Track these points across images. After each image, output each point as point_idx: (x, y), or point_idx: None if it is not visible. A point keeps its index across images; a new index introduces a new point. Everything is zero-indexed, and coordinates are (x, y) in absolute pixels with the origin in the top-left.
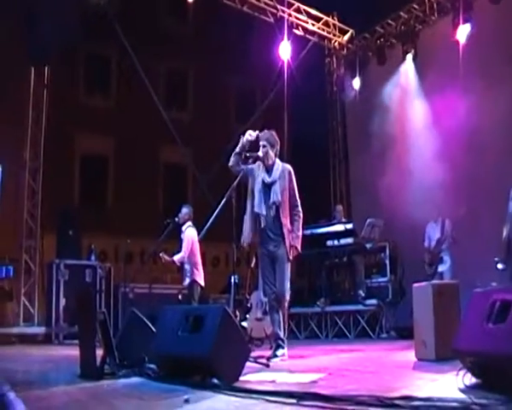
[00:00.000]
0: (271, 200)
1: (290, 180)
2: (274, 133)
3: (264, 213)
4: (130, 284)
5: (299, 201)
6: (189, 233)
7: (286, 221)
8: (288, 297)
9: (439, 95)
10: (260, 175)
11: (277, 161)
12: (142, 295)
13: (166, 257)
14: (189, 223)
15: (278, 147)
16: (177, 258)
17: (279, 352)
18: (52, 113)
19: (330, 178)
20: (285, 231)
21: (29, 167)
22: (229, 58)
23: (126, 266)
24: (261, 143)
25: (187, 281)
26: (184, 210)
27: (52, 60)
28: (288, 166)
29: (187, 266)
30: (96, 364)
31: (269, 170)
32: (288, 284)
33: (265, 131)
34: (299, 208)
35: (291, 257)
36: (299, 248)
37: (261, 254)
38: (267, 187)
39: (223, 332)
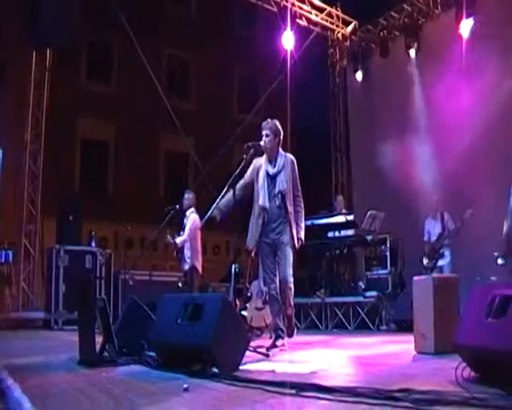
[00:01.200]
0: (277, 189)
1: (293, 170)
2: (277, 122)
3: (268, 205)
4: (131, 271)
5: (300, 191)
6: (193, 219)
7: (291, 209)
8: (291, 285)
9: (442, 88)
10: (263, 170)
11: (280, 151)
12: (142, 282)
13: (169, 237)
14: (193, 209)
15: (281, 137)
16: (179, 240)
17: (278, 342)
18: (53, 97)
19: (332, 168)
20: (291, 217)
21: (30, 150)
22: (232, 47)
23: (126, 253)
24: (264, 132)
25: (186, 266)
26: (188, 196)
27: (55, 44)
28: (291, 156)
29: (187, 252)
30: (96, 351)
31: (272, 161)
32: (290, 271)
33: (268, 120)
34: (301, 198)
35: (297, 246)
36: (303, 239)
37: (261, 244)
38: (272, 178)
39: (222, 321)
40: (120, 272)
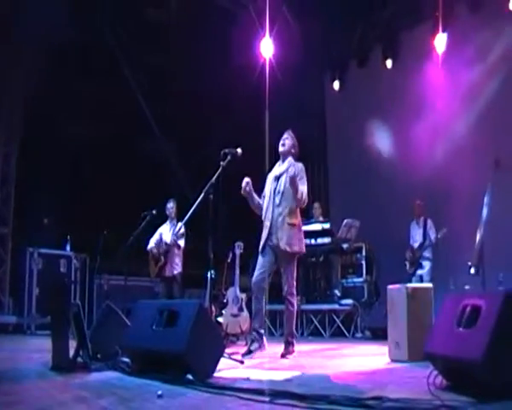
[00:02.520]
0: (278, 188)
1: (296, 172)
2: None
3: (272, 206)
4: (106, 276)
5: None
6: (181, 226)
7: (286, 212)
8: (293, 300)
9: (418, 99)
10: (271, 175)
11: (291, 159)
12: (117, 288)
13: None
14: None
15: (297, 149)
16: (182, 243)
17: (253, 347)
18: (29, 97)
19: (309, 176)
20: (285, 221)
21: (2, 152)
22: (211, 54)
23: (102, 258)
24: (285, 136)
25: (174, 271)
26: (172, 205)
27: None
28: (301, 164)
29: (176, 258)
30: (69, 356)
31: (281, 164)
32: (294, 283)
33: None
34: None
35: (297, 250)
36: (302, 249)
37: (266, 246)
38: (277, 178)
39: (197, 328)
40: (95, 276)
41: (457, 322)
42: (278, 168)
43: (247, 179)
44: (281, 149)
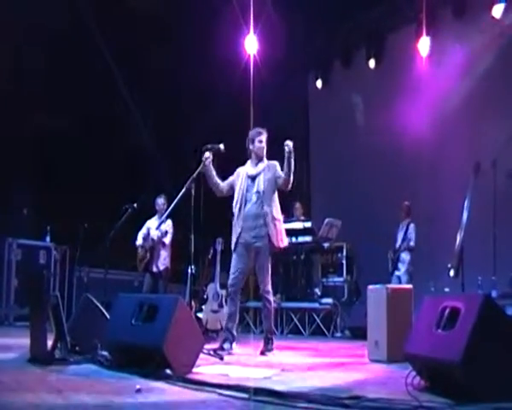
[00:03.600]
0: (255, 189)
1: (275, 172)
2: None
3: (244, 205)
4: (86, 269)
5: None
6: (170, 222)
7: (269, 210)
8: (270, 297)
9: (401, 100)
10: (244, 173)
11: (265, 159)
12: (97, 280)
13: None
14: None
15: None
16: (167, 240)
17: (226, 345)
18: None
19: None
20: (268, 220)
21: None
22: (194, 48)
23: (82, 250)
24: (263, 137)
25: (161, 267)
26: (162, 200)
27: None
28: (275, 162)
29: (165, 252)
30: (47, 349)
31: (255, 164)
32: (269, 280)
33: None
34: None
35: (281, 245)
36: (282, 246)
37: (237, 244)
38: (252, 179)
39: (177, 323)
40: (75, 268)
41: (436, 324)
42: (253, 168)
43: (207, 155)
44: (260, 148)
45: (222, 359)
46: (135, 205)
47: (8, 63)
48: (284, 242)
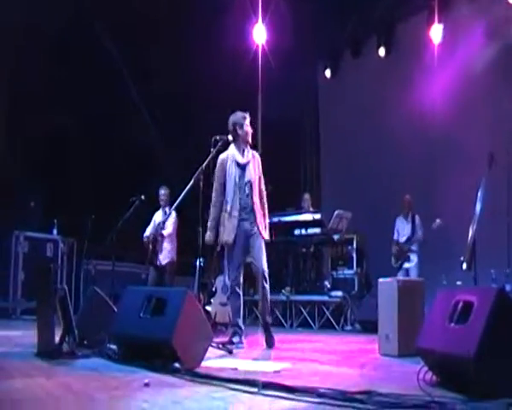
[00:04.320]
0: (246, 178)
1: (258, 164)
2: None
3: (239, 195)
4: (93, 261)
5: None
6: (175, 215)
7: (257, 200)
8: (267, 276)
9: (413, 90)
10: (231, 161)
11: (249, 147)
12: (104, 273)
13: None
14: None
15: None
16: (166, 232)
17: (235, 339)
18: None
19: (300, 166)
20: (256, 209)
21: None
22: (202, 39)
23: (90, 243)
24: (247, 123)
25: (166, 260)
26: (165, 191)
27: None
28: (257, 155)
29: (168, 245)
30: (55, 342)
31: (241, 151)
32: (265, 262)
33: (245, 113)
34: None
35: (266, 237)
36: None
37: (237, 235)
38: (242, 168)
39: (185, 316)
40: (83, 261)
41: (449, 318)
42: (241, 156)
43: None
44: (249, 133)
45: (231, 352)
46: (142, 197)
47: (15, 63)
48: (267, 236)
